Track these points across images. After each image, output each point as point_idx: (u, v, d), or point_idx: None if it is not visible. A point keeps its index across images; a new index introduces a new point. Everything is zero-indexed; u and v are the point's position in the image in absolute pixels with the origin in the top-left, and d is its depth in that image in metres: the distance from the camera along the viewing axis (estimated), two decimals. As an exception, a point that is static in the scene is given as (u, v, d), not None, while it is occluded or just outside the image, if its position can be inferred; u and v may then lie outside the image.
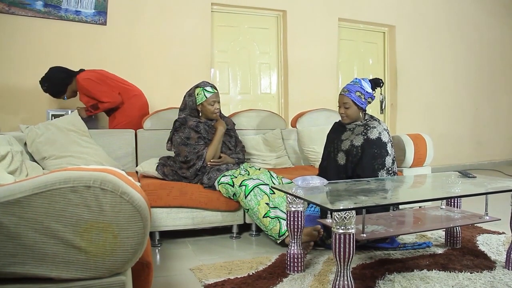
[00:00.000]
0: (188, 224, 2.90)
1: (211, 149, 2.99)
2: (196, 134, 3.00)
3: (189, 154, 2.94)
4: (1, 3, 3.89)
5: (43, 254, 1.04)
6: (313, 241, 2.53)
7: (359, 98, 2.74)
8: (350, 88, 2.77)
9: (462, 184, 2.40)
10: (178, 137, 2.99)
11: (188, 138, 2.97)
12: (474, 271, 2.19)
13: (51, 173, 1.07)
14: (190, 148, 2.95)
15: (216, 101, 3.07)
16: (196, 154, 2.95)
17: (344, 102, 2.77)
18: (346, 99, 2.76)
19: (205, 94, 3.04)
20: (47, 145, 2.93)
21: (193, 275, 2.25)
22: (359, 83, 2.78)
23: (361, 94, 2.75)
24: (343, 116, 2.82)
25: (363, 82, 2.79)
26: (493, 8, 7.00)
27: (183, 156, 2.95)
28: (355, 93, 2.74)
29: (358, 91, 2.75)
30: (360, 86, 2.77)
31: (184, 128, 3.00)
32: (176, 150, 3.00)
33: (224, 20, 5.14)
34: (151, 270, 1.36)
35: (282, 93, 5.47)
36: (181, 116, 3.08)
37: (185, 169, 2.97)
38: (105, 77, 3.69)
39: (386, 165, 2.67)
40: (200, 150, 2.96)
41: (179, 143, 2.97)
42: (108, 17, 4.36)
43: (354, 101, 2.74)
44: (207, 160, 2.97)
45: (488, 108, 7.06)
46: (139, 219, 1.10)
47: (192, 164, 2.95)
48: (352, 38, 5.98)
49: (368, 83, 2.82)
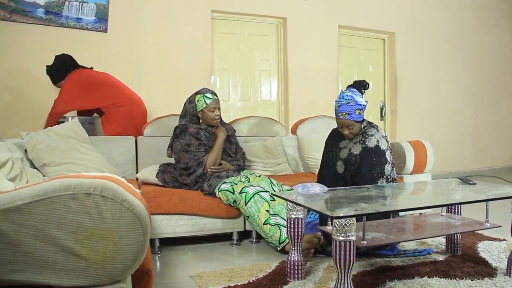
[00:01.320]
0: (188, 231, 2.89)
1: (211, 156, 2.99)
2: (197, 141, 3.00)
3: (190, 161, 2.94)
4: (3, 11, 3.91)
5: (43, 261, 1.04)
6: (314, 248, 2.52)
7: (358, 115, 2.69)
8: (349, 110, 2.66)
9: (463, 191, 2.40)
10: (178, 143, 2.99)
11: (189, 145, 2.98)
12: (475, 278, 2.18)
13: (52, 180, 1.07)
14: (191, 155, 2.95)
15: (216, 108, 3.07)
16: (197, 161, 2.95)
17: (348, 125, 2.70)
18: (348, 122, 2.69)
19: (205, 101, 3.05)
20: (47, 152, 2.93)
21: (193, 282, 2.24)
22: (353, 100, 2.66)
23: (359, 109, 2.68)
24: (349, 136, 2.76)
25: (355, 96, 2.67)
26: (492, 15, 7.03)
27: (183, 163, 2.95)
28: (354, 112, 2.67)
29: (357, 109, 2.67)
30: (355, 102, 2.66)
31: (185, 134, 3.01)
32: (177, 157, 3.00)
33: (224, 27, 5.16)
34: (151, 278, 1.36)
35: (282, 100, 5.48)
36: (181, 123, 3.09)
37: (185, 176, 2.97)
38: (100, 84, 3.65)
39: (385, 173, 2.66)
40: (201, 157, 2.96)
41: (179, 149, 2.98)
42: (109, 24, 4.38)
43: (355, 120, 2.69)
44: (208, 167, 2.97)
45: (488, 114, 7.06)
46: (139, 227, 1.09)
47: (192, 171, 2.95)
48: (352, 45, 6.00)
49: (358, 93, 2.71)
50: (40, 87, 3.88)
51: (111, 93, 3.68)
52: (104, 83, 3.70)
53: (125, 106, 3.71)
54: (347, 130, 2.74)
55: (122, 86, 3.82)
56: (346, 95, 2.69)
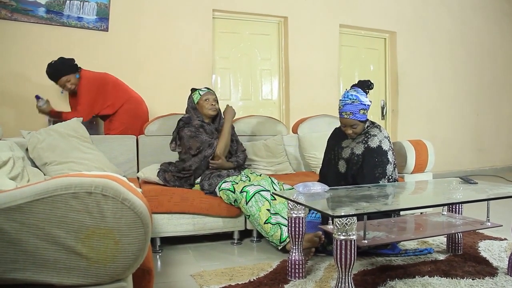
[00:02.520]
0: (189, 230, 2.90)
1: (221, 140, 3.03)
2: None
3: (202, 144, 2.97)
4: (4, 10, 3.91)
5: (45, 260, 1.04)
6: (314, 247, 2.52)
7: (363, 115, 2.68)
8: (353, 110, 2.65)
9: (464, 190, 2.40)
10: (187, 130, 3.01)
11: (198, 131, 3.01)
12: (476, 277, 2.18)
13: (53, 179, 1.07)
14: (202, 139, 2.98)
15: (210, 98, 3.12)
16: (208, 143, 2.98)
17: (352, 124, 2.69)
18: (352, 121, 2.68)
19: (199, 93, 3.14)
20: (48, 151, 2.94)
21: (194, 281, 2.25)
22: (357, 99, 2.65)
23: (363, 109, 2.67)
24: (352, 135, 2.76)
25: (360, 96, 2.66)
26: (493, 14, 7.02)
27: (195, 148, 2.97)
28: (359, 112, 2.66)
29: (361, 109, 2.66)
30: (360, 102, 2.65)
31: (189, 126, 3.03)
32: (188, 144, 2.99)
33: (225, 27, 5.16)
34: (152, 277, 1.36)
35: (283, 99, 5.47)
36: (185, 115, 3.12)
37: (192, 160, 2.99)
38: (107, 83, 3.66)
39: (387, 174, 2.66)
40: (211, 140, 3.01)
41: (189, 136, 2.99)
42: (110, 23, 4.38)
43: (359, 120, 2.69)
44: (219, 153, 2.99)
45: (489, 114, 7.05)
46: (140, 225, 1.10)
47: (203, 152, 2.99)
48: (353, 44, 6.00)
49: (363, 93, 2.70)
50: (41, 86, 3.87)
51: (119, 92, 3.70)
52: (110, 82, 3.71)
53: (127, 104, 3.73)
54: (350, 130, 2.73)
55: (124, 85, 3.83)
56: (350, 95, 2.67)
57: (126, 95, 3.75)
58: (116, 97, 3.67)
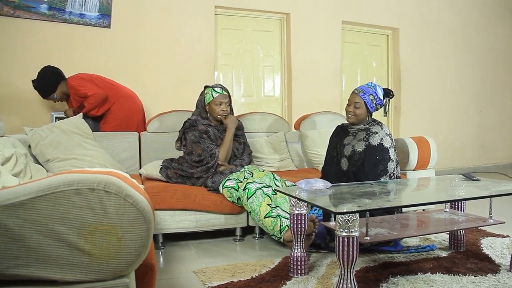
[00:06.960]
0: (191, 226, 2.90)
1: (222, 149, 2.99)
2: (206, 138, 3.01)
3: (203, 152, 2.94)
4: (6, 6, 3.91)
5: (47, 256, 1.05)
6: (312, 233, 2.52)
7: (371, 102, 2.74)
8: (365, 90, 2.76)
9: (466, 187, 2.39)
10: (191, 134, 2.99)
11: (201, 137, 2.99)
12: (478, 274, 2.18)
13: (55, 176, 1.07)
14: (204, 146, 2.95)
15: (223, 102, 3.04)
16: (209, 153, 2.95)
17: (356, 101, 2.74)
18: (359, 98, 2.74)
19: (213, 94, 3.04)
20: (51, 147, 2.94)
21: (197, 277, 2.25)
22: (374, 87, 2.77)
23: (374, 99, 2.74)
24: (351, 115, 2.77)
25: (378, 88, 2.79)
26: (496, 12, 6.98)
27: (196, 154, 2.95)
28: (368, 95, 2.73)
29: (372, 95, 2.74)
30: (374, 90, 2.76)
31: (194, 129, 3.01)
32: (190, 148, 2.98)
33: (228, 23, 5.16)
34: (155, 273, 1.36)
35: (286, 96, 5.47)
36: (191, 118, 3.08)
37: (195, 168, 2.97)
38: (94, 78, 3.67)
39: (388, 171, 2.66)
40: (213, 149, 2.97)
41: (192, 141, 2.97)
42: (112, 20, 4.38)
43: (366, 102, 2.73)
44: (221, 161, 2.97)
45: (492, 110, 7.03)
46: (143, 222, 1.10)
47: (205, 163, 2.95)
48: (355, 41, 5.98)
49: (382, 90, 2.82)
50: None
51: (108, 90, 3.68)
52: (99, 79, 3.72)
53: (119, 100, 3.71)
54: (352, 108, 2.76)
55: (113, 81, 3.83)
56: (371, 83, 2.84)
57: (115, 91, 3.73)
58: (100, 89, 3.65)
